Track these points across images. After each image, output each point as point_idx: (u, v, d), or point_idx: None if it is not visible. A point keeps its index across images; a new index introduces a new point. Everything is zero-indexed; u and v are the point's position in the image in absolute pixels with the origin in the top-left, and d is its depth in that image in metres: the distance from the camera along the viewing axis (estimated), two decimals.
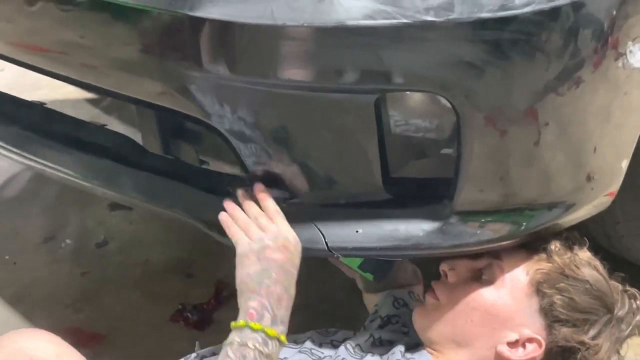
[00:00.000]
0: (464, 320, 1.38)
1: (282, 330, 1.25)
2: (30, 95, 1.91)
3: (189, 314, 1.98)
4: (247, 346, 1.21)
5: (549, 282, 1.36)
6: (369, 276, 1.53)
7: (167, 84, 1.39)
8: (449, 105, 1.31)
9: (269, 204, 1.32)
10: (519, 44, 1.28)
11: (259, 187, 1.33)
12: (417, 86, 1.31)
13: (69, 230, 2.36)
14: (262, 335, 1.23)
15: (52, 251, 2.27)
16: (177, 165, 1.52)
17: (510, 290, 1.37)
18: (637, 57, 1.35)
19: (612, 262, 1.46)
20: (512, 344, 1.35)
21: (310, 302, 1.86)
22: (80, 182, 1.55)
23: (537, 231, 1.40)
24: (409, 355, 1.38)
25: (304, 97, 1.30)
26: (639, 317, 1.40)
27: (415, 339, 1.44)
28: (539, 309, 1.36)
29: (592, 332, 1.35)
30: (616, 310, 1.38)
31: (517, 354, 1.35)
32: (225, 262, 2.20)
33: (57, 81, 1.61)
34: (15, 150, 1.67)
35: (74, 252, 2.27)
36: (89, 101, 2.84)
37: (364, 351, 1.42)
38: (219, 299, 2.03)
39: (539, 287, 1.36)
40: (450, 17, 1.25)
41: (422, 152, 1.48)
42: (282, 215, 1.32)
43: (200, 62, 1.31)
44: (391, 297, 1.58)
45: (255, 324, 1.23)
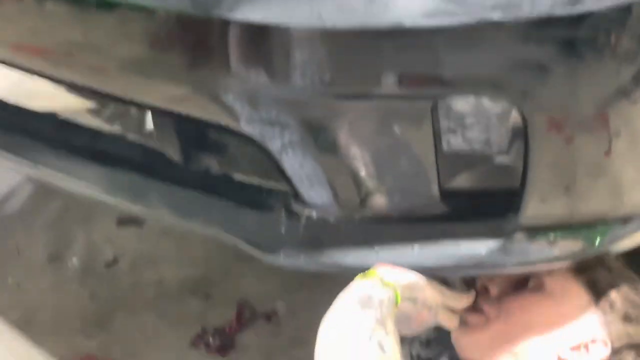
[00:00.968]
0: (521, 330, 1.28)
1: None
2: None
3: (211, 338, 1.85)
4: None
5: (601, 279, 1.30)
6: None
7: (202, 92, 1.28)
8: (502, 110, 1.22)
9: None
10: (592, 43, 1.17)
11: None
12: (482, 90, 1.20)
13: (75, 248, 2.22)
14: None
15: (58, 271, 2.13)
16: (211, 178, 1.40)
17: (564, 292, 1.30)
18: None
19: None
20: (574, 349, 1.26)
21: None
22: (104, 196, 1.43)
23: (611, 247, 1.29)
24: None
25: (358, 105, 1.20)
26: None
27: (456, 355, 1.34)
28: (597, 309, 1.28)
29: None
30: None
31: (584, 357, 1.25)
32: (244, 281, 2.11)
33: (54, 90, 1.49)
34: (27, 162, 1.54)
35: (81, 271, 2.13)
36: (89, 111, 2.71)
37: None
38: (241, 321, 1.91)
39: (594, 285, 1.30)
40: (519, 14, 1.14)
41: (473, 162, 1.37)
42: None
43: (238, 69, 1.20)
44: None
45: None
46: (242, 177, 1.39)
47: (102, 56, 1.31)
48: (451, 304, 1.26)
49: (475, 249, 1.26)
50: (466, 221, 1.27)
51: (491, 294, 1.32)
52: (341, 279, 1.30)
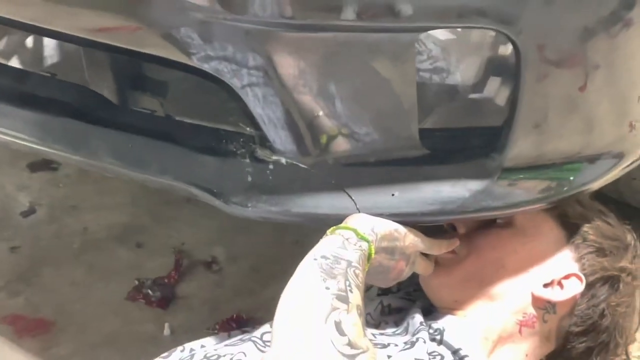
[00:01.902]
0: (493, 269, 1.22)
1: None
2: None
3: (149, 290, 1.72)
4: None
5: (572, 212, 1.26)
6: None
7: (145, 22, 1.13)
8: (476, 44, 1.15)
9: None
10: None
11: None
12: (472, 21, 1.10)
13: None
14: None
15: None
16: (160, 122, 1.26)
17: (535, 228, 1.25)
18: None
19: None
20: (548, 285, 1.21)
21: None
22: (36, 147, 1.26)
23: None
24: (433, 324, 1.19)
25: (335, 38, 1.08)
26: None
27: (425, 304, 1.27)
28: (570, 243, 1.24)
29: (628, 256, 1.26)
30: (628, 236, 1.29)
31: (558, 294, 1.21)
32: (176, 226, 1.98)
33: None
34: None
35: None
36: None
37: (374, 319, 1.26)
38: (180, 271, 1.78)
39: (565, 219, 1.25)
40: None
41: (446, 99, 1.28)
42: None
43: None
44: None
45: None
46: (196, 120, 1.26)
47: None
48: (431, 251, 1.18)
49: (458, 192, 1.17)
50: (447, 163, 1.19)
51: (459, 232, 1.26)
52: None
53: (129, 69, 1.33)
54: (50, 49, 1.42)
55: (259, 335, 1.18)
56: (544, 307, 1.21)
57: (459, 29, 1.22)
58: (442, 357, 1.11)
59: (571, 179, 1.23)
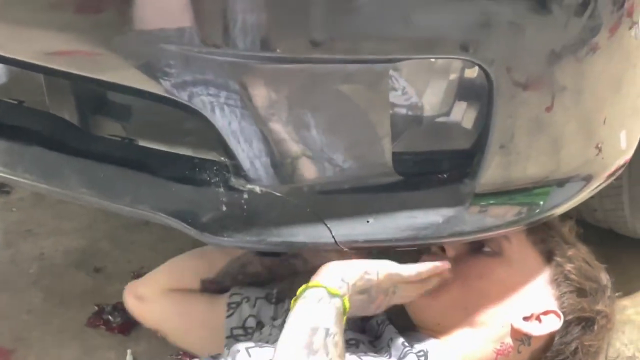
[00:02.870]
0: (478, 297, 1.25)
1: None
2: None
3: (110, 316, 1.70)
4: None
5: (559, 250, 1.29)
6: None
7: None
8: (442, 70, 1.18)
9: None
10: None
11: None
12: (445, 53, 1.12)
13: None
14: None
15: None
16: (133, 150, 1.25)
17: (522, 261, 1.27)
18: None
19: None
20: (527, 319, 1.24)
21: None
22: (7, 176, 1.24)
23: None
24: (416, 345, 1.21)
25: (309, 69, 1.09)
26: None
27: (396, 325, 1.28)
28: (552, 280, 1.27)
29: (604, 299, 1.29)
30: (604, 278, 1.32)
31: (536, 328, 1.23)
32: (136, 251, 1.96)
33: None
34: None
35: None
36: None
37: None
38: None
39: (551, 256, 1.28)
40: None
41: (415, 123, 1.30)
42: None
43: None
44: None
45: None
46: (169, 148, 1.25)
47: None
48: (412, 279, 1.20)
49: (431, 218, 1.19)
50: (421, 189, 1.21)
51: (448, 254, 1.28)
52: None
53: (92, 93, 1.32)
54: (13, 75, 1.39)
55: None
56: (520, 338, 1.23)
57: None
58: None
59: (541, 203, 1.26)
